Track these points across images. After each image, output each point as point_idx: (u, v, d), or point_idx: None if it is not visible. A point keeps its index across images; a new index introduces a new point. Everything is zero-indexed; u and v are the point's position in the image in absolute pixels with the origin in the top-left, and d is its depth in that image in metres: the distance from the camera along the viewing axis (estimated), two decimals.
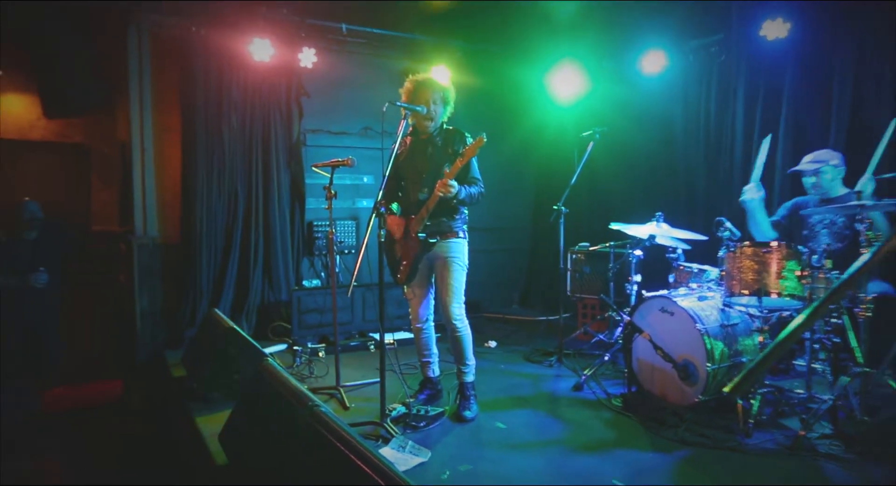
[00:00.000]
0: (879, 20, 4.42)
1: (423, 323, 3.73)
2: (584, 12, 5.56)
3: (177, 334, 5.26)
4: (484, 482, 2.79)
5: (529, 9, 5.48)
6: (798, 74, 4.97)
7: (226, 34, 5.34)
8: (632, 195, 6.07)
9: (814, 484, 2.76)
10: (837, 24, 4.66)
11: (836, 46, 4.71)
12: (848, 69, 4.64)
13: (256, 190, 5.67)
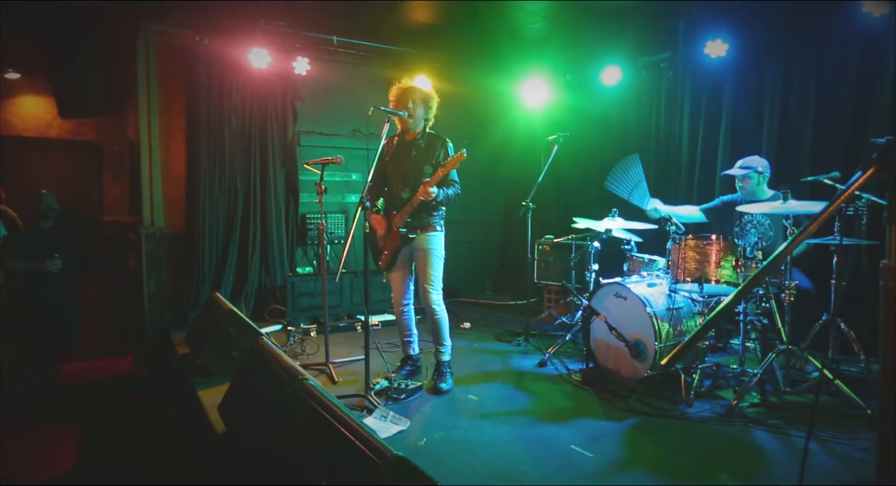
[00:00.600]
0: (804, 42, 4.51)
1: (404, 306, 3.73)
2: (550, 30, 5.56)
3: (181, 315, 5.20)
4: (457, 447, 2.80)
5: (501, 26, 5.46)
6: (735, 88, 5.04)
7: (227, 43, 5.26)
8: (592, 193, 6.10)
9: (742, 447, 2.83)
10: (769, 46, 4.74)
11: (768, 65, 4.79)
12: (777, 85, 4.72)
13: (255, 185, 5.60)
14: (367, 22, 5.40)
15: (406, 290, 3.70)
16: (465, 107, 6.53)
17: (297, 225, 5.93)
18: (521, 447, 2.82)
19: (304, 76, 5.59)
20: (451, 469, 2.57)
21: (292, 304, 5.29)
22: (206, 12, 5.08)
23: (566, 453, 2.74)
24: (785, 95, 4.67)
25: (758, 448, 2.81)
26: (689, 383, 3.37)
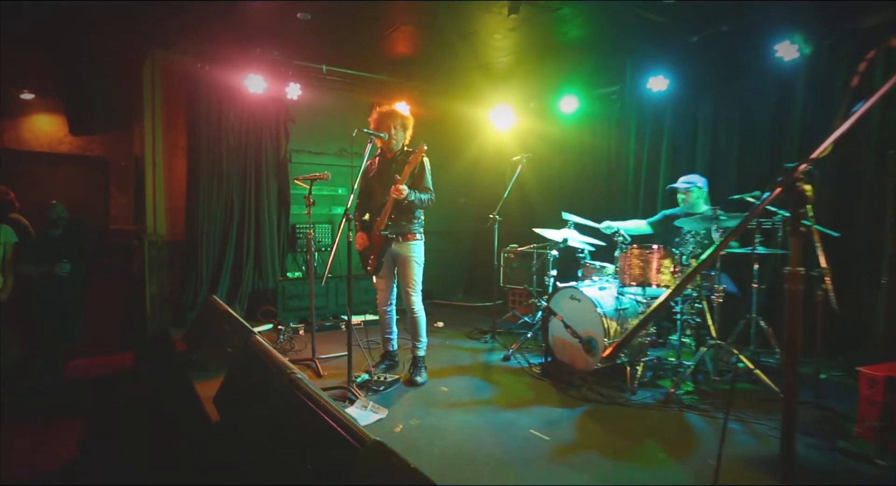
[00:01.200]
0: (731, 79, 4.67)
1: (386, 308, 3.73)
2: (515, 63, 5.65)
3: (180, 315, 5.12)
4: (430, 433, 2.82)
5: (473, 59, 5.53)
6: (674, 117, 5.19)
7: (226, 70, 5.23)
8: (551, 207, 6.19)
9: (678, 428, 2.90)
10: (702, 82, 4.89)
11: (701, 98, 4.95)
12: (709, 115, 4.88)
13: (249, 198, 5.55)
14: (353, 53, 5.42)
15: (389, 294, 3.70)
16: (440, 130, 6.56)
17: (288, 234, 5.89)
18: (486, 431, 2.85)
19: (296, 100, 5.58)
20: (425, 452, 2.59)
21: (283, 305, 5.25)
22: (206, 41, 5.04)
23: (526, 436, 2.78)
24: (715, 124, 4.84)
25: (691, 429, 2.89)
26: (634, 374, 3.43)
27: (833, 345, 3.76)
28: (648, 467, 2.48)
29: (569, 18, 4.48)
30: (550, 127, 6.39)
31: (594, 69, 5.67)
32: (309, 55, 5.47)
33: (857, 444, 2.60)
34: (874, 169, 3.77)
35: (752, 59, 4.39)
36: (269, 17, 4.53)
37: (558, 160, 6.30)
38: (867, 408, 2.66)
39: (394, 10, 4.38)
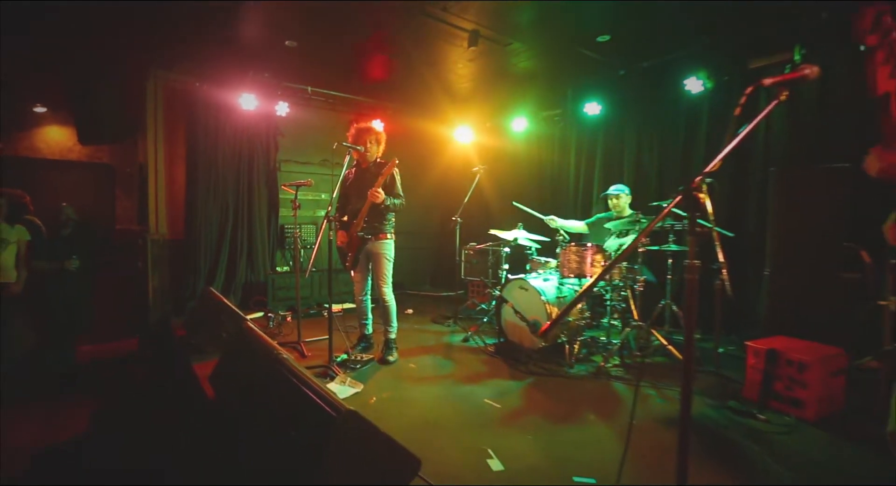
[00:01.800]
0: (651, 105, 4.85)
1: (362, 297, 3.72)
2: (475, 88, 5.70)
3: (180, 305, 4.97)
4: (399, 403, 2.84)
5: (439, 84, 5.55)
6: (606, 136, 5.34)
7: (222, 89, 5.09)
8: (505, 211, 6.29)
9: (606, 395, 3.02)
10: (628, 108, 5.06)
11: (627, 121, 5.11)
12: (633, 135, 5.05)
13: (242, 202, 5.43)
14: (335, 76, 5.35)
15: (364, 285, 3.69)
16: (411, 144, 6.56)
17: (277, 233, 5.77)
18: (447, 401, 2.89)
19: (284, 116, 5.48)
20: (394, 419, 2.61)
21: (272, 295, 5.16)
22: (204, 64, 4.89)
23: (480, 404, 2.83)
24: (639, 142, 5.01)
25: (616, 396, 3.00)
26: (571, 351, 3.52)
27: (728, 325, 3.98)
28: (581, 427, 2.57)
29: (519, 52, 4.55)
30: (504, 143, 6.48)
31: (540, 95, 5.77)
32: (296, 77, 5.38)
33: (744, 403, 2.76)
34: (760, 182, 4.00)
35: (667, 90, 4.57)
36: (260, 44, 4.44)
37: (511, 171, 6.39)
38: (752, 374, 2.83)
39: (370, 41, 4.36)
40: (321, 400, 1.70)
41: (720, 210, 4.21)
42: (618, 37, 4.08)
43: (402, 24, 4.00)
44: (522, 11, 3.77)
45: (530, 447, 2.34)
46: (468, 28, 3.99)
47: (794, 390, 2.65)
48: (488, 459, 2.21)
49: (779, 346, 2.77)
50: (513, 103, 6.04)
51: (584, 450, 2.30)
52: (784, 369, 2.69)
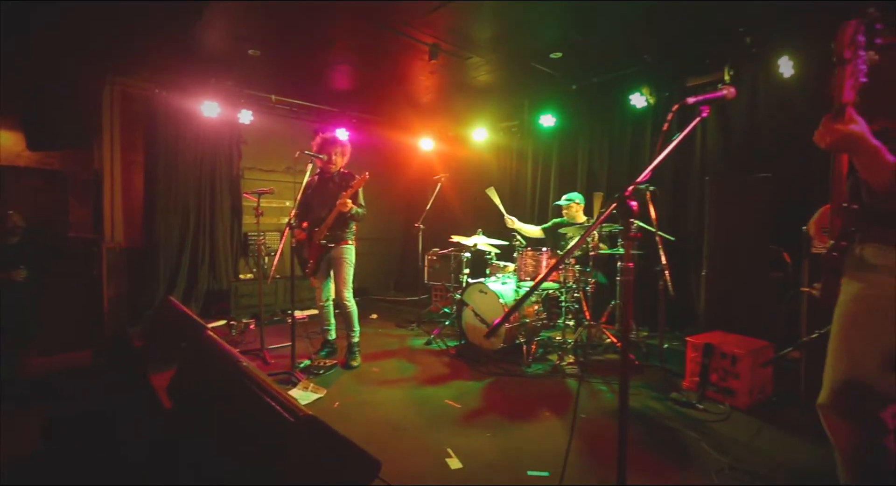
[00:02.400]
0: (601, 119, 5.06)
1: (324, 303, 3.65)
2: (437, 100, 5.76)
3: (138, 315, 4.74)
4: (362, 407, 2.80)
5: (402, 95, 5.58)
6: (560, 147, 5.52)
7: (183, 96, 4.93)
8: (466, 217, 6.37)
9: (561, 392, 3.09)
10: (580, 120, 5.25)
11: (580, 132, 5.29)
12: (586, 146, 5.23)
13: (204, 209, 5.25)
14: (300, 85, 5.29)
15: (326, 290, 3.63)
16: (376, 152, 6.55)
17: (241, 241, 5.61)
18: (409, 403, 2.88)
19: (248, 124, 5.34)
20: (357, 423, 2.59)
21: (235, 303, 4.99)
22: (164, 71, 4.72)
23: (442, 405, 2.85)
24: (591, 152, 5.20)
25: (570, 392, 3.08)
26: (529, 351, 3.60)
27: (673, 322, 4.17)
28: (536, 423, 2.62)
29: (478, 66, 4.64)
30: (466, 152, 6.56)
31: (499, 107, 5.89)
32: (260, 86, 5.27)
33: (685, 394, 2.91)
34: (697, 190, 4.24)
35: (615, 104, 4.78)
36: (222, 53, 4.33)
37: (473, 179, 6.45)
38: (692, 367, 2.99)
39: (334, 51, 4.34)
40: (279, 406, 1.67)
41: (663, 216, 4.43)
42: (569, 54, 4.24)
43: (366, 36, 4.01)
44: (480, 28, 3.86)
45: (488, 444, 2.37)
46: (429, 42, 4.04)
47: (728, 381, 2.81)
48: (447, 458, 2.22)
49: (714, 340, 2.93)
50: (473, 114, 6.14)
51: (538, 444, 2.35)
52: (719, 361, 2.86)
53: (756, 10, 3.37)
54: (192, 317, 3.42)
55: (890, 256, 1.35)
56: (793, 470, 2.12)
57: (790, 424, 2.55)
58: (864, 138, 1.24)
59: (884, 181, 1.23)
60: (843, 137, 1.24)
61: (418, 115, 6.27)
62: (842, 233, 1.44)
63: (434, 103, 5.90)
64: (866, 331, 1.39)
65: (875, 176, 1.25)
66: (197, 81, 4.89)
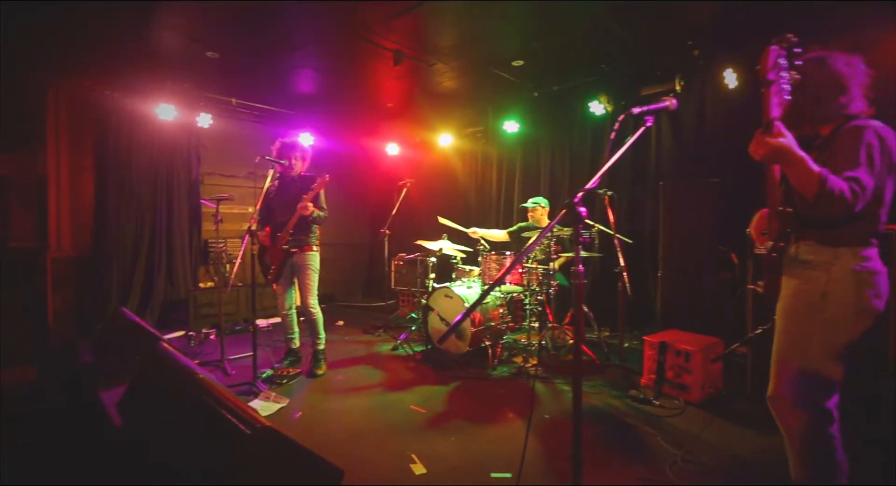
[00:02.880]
0: (563, 126, 5.19)
1: (287, 311, 3.59)
2: (402, 105, 5.76)
3: (87, 328, 4.48)
4: (325, 416, 2.76)
5: (365, 101, 5.55)
6: (524, 152, 5.62)
7: (136, 98, 4.74)
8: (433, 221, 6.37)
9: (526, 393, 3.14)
10: (543, 127, 5.37)
11: (542, 138, 5.42)
12: (548, 151, 5.36)
13: (160, 216, 5.04)
14: (261, 88, 5.17)
15: (289, 297, 3.57)
16: (341, 158, 6.50)
17: (200, 248, 5.42)
18: (374, 411, 2.85)
19: (208, 128, 5.18)
20: (320, 432, 2.54)
21: (195, 313, 4.81)
22: (116, 71, 4.50)
23: (407, 411, 2.83)
24: (552, 157, 5.34)
25: (535, 393, 3.12)
26: (494, 354, 3.64)
27: (632, 322, 4.32)
28: (500, 425, 2.64)
29: (442, 72, 4.68)
30: (432, 157, 6.60)
31: (464, 113, 5.94)
32: (220, 88, 5.12)
33: (643, 391, 3.01)
34: (653, 195, 4.42)
35: (575, 111, 4.93)
36: (178, 54, 4.19)
37: (439, 183, 6.51)
38: (649, 365, 3.10)
39: (297, 55, 4.28)
40: (236, 418, 1.62)
41: (622, 219, 4.59)
42: (530, 62, 4.34)
43: (329, 41, 3.98)
44: (442, 36, 3.90)
45: (452, 448, 2.37)
46: (392, 48, 4.05)
47: (682, 377, 2.93)
48: (411, 464, 2.22)
49: (669, 339, 3.06)
50: (439, 119, 6.18)
51: (502, 446, 2.37)
52: (674, 358, 2.98)
53: (703, 27, 3.56)
54: (146, 328, 3.28)
55: (822, 253, 1.47)
56: (740, 459, 2.23)
57: (738, 415, 2.69)
58: (790, 151, 1.34)
59: (811, 189, 1.34)
60: (772, 149, 1.35)
61: (384, 120, 6.25)
62: (779, 234, 1.54)
63: (400, 109, 5.90)
64: (806, 324, 1.49)
65: (803, 184, 1.36)
66: (152, 83, 4.71)
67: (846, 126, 1.45)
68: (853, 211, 1.34)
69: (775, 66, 1.34)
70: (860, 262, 1.43)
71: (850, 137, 1.40)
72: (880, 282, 1.43)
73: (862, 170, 1.34)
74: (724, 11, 3.29)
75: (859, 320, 1.43)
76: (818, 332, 1.46)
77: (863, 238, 1.44)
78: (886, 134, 1.41)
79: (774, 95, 1.35)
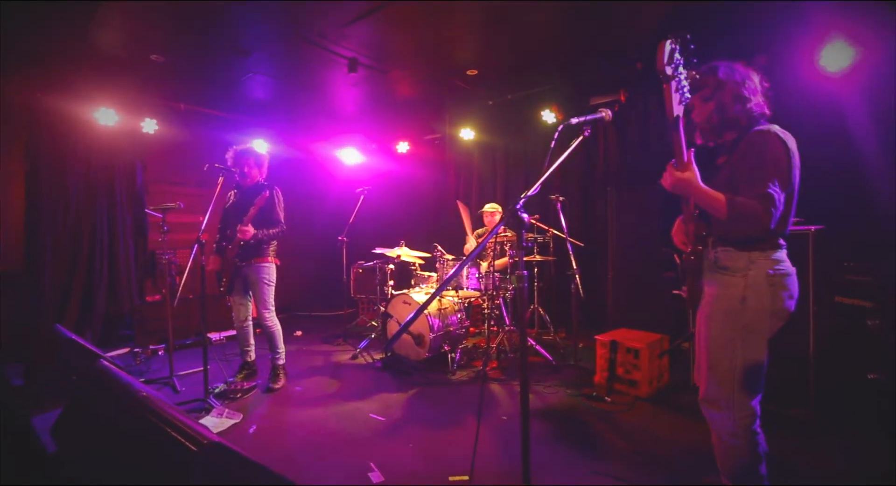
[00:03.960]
0: (519, 135, 5.35)
1: (242, 323, 3.47)
2: (361, 112, 5.73)
3: (17, 349, 4.13)
4: (282, 430, 2.69)
5: (323, 107, 5.51)
6: (480, 159, 5.74)
7: (72, 101, 4.46)
8: (390, 229, 6.37)
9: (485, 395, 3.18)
10: (499, 135, 5.51)
11: (498, 146, 5.55)
12: (504, 159, 5.50)
13: (101, 226, 4.75)
14: (211, 93, 5.01)
15: (244, 310, 3.46)
16: (297, 165, 6.38)
17: (147, 260, 5.15)
18: (332, 421, 2.81)
19: (154, 134, 4.95)
20: (275, 448, 2.47)
21: (141, 328, 4.55)
22: (47, 72, 4.24)
23: (366, 420, 2.81)
24: (508, 165, 5.48)
25: (493, 395, 3.18)
26: (453, 359, 3.68)
27: (588, 322, 4.47)
28: (459, 428, 2.67)
29: (399, 80, 4.71)
30: (390, 164, 6.58)
31: (422, 120, 5.99)
32: (167, 93, 4.91)
33: (596, 389, 3.13)
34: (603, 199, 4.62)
35: (528, 119, 5.08)
36: (119, 56, 4.00)
37: (397, 190, 6.50)
38: (601, 363, 3.22)
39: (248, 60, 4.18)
40: (181, 435, 1.56)
41: (575, 223, 4.76)
42: (484, 72, 4.45)
43: (282, 46, 3.92)
44: (397, 44, 3.94)
45: (411, 454, 2.38)
46: (347, 55, 4.04)
47: (632, 373, 3.07)
48: (369, 472, 2.20)
49: (619, 337, 3.19)
50: (396, 127, 6.20)
51: (461, 450, 2.40)
52: (624, 356, 3.12)
53: (643, 41, 3.78)
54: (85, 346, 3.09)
55: (738, 259, 1.58)
56: (686, 450, 2.36)
57: (684, 407, 2.85)
58: (693, 185, 1.48)
59: (721, 214, 1.46)
60: (677, 182, 1.49)
61: (341, 126, 6.20)
62: (696, 238, 1.66)
63: (357, 115, 5.87)
64: (728, 329, 1.57)
65: (712, 210, 1.49)
66: (90, 86, 4.46)
67: (749, 132, 1.57)
68: (769, 228, 1.45)
69: (671, 61, 1.43)
70: (773, 265, 1.53)
71: (755, 147, 1.52)
72: (791, 283, 1.55)
73: (772, 184, 1.43)
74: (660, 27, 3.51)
75: (775, 322, 1.54)
76: (741, 336, 1.54)
77: (773, 242, 1.56)
78: (787, 137, 1.54)
79: (675, 92, 1.45)
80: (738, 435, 1.57)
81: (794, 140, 1.55)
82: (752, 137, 1.54)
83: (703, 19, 3.36)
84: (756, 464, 1.59)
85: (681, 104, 1.46)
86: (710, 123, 1.65)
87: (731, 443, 1.59)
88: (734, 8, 3.18)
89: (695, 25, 3.40)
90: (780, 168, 1.47)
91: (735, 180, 1.54)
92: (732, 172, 1.57)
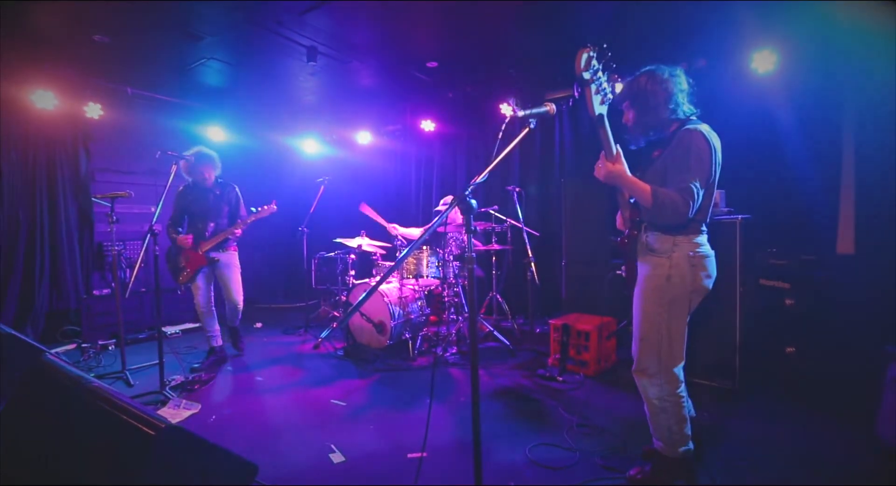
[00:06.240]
0: (477, 128, 5.45)
1: (205, 308, 3.57)
2: (319, 102, 5.66)
3: None
4: (241, 418, 2.70)
5: (279, 96, 5.39)
6: (441, 151, 5.81)
7: (7, 83, 4.18)
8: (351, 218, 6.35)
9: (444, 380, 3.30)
10: (459, 127, 5.57)
11: (458, 136, 5.63)
12: (464, 150, 5.60)
13: (42, 217, 4.50)
14: (161, 78, 4.79)
15: (207, 296, 3.56)
16: (254, 154, 6.23)
17: (94, 252, 4.93)
18: (293, 409, 2.84)
19: (98, 119, 4.70)
20: (236, 434, 2.49)
21: (89, 323, 4.37)
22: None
23: (327, 406, 2.86)
24: (469, 157, 5.58)
25: (451, 379, 3.30)
26: (414, 346, 3.77)
27: (544, 308, 4.68)
28: (418, 411, 2.77)
29: (358, 70, 4.69)
30: (350, 155, 6.55)
31: (382, 111, 5.98)
32: (112, 76, 4.66)
33: (549, 370, 3.31)
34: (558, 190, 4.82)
35: (486, 112, 5.19)
36: (58, 35, 3.78)
37: (358, 181, 6.48)
38: (554, 345, 3.41)
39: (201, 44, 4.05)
40: (137, 421, 1.58)
41: (533, 213, 4.94)
42: (444, 64, 4.51)
43: (237, 32, 3.82)
44: (356, 34, 3.93)
45: (372, 436, 2.46)
46: (306, 44, 3.99)
47: (582, 354, 3.28)
48: (331, 453, 2.27)
49: (571, 321, 3.39)
50: (357, 117, 6.16)
51: (419, 430, 2.50)
52: (575, 338, 3.31)
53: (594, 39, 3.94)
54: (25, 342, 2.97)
55: (665, 242, 1.76)
56: (626, 420, 2.57)
57: (627, 383, 3.06)
58: (622, 176, 1.67)
59: (646, 203, 1.65)
60: (607, 174, 1.67)
61: (300, 116, 6.09)
62: (632, 223, 1.82)
63: (317, 105, 5.79)
64: (656, 304, 1.76)
65: (640, 199, 1.70)
66: (26, 66, 4.19)
67: (680, 130, 1.75)
68: (687, 218, 1.63)
69: (588, 67, 1.59)
70: (694, 248, 1.73)
71: (682, 143, 1.70)
72: (710, 264, 1.75)
73: (692, 178, 1.62)
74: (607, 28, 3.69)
75: (695, 298, 1.75)
76: (667, 310, 1.75)
77: (695, 228, 1.75)
78: (712, 136, 1.72)
79: (596, 94, 1.61)
80: (665, 398, 1.76)
81: (720, 139, 1.74)
82: (682, 135, 1.72)
83: (647, 23, 3.56)
84: (682, 425, 1.78)
85: (603, 104, 1.62)
86: (635, 125, 1.83)
87: (660, 407, 1.78)
88: (679, 8, 3.35)
89: (640, 29, 3.61)
90: (703, 164, 1.65)
91: (665, 172, 1.71)
92: (664, 165, 1.74)
